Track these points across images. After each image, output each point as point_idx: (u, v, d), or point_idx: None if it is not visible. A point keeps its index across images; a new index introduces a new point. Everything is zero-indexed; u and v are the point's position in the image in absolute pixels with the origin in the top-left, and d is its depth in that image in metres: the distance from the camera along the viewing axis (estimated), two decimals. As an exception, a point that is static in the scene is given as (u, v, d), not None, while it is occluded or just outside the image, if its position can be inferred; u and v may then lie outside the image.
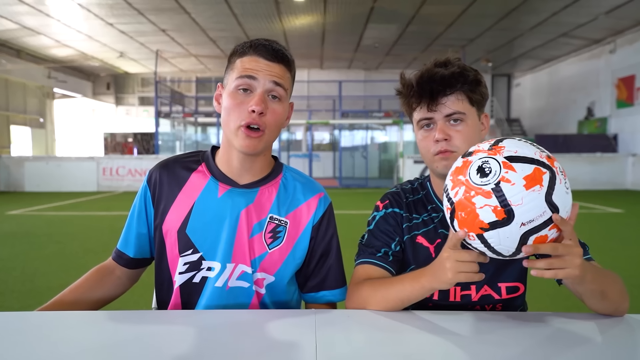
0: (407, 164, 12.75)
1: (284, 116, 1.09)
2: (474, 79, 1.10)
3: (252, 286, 1.09)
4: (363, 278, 1.10)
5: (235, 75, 1.05)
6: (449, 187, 0.87)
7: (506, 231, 0.80)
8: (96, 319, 1.00)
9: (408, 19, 12.31)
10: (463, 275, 0.90)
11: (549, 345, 0.85)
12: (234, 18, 12.23)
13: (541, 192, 0.79)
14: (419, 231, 1.16)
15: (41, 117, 17.07)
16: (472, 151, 0.88)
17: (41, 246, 5.06)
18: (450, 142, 1.08)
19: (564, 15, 11.82)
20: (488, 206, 0.80)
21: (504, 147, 0.84)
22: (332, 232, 1.16)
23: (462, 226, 0.85)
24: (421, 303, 1.10)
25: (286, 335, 0.90)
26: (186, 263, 1.08)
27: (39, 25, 12.62)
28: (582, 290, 0.94)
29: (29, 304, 3.19)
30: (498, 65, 17.72)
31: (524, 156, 0.82)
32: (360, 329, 0.94)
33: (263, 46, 1.05)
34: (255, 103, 1.01)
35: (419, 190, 1.22)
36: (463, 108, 1.09)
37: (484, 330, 0.93)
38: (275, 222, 1.10)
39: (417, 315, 1.00)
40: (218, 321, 0.96)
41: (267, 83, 1.03)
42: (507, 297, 1.13)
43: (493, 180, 0.80)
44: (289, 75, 1.08)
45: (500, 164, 0.81)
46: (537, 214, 0.79)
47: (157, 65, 15.14)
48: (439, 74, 1.08)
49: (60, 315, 1.02)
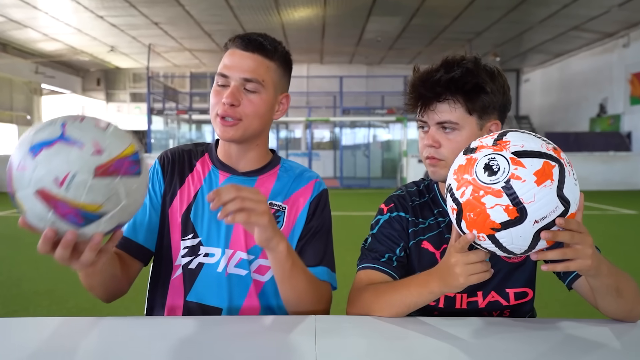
0: (411, 164, 12.75)
1: (267, 106, 1.14)
2: (475, 86, 1.05)
3: (249, 274, 1.14)
4: (365, 283, 1.10)
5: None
6: (454, 186, 0.87)
7: (519, 230, 0.80)
8: (86, 325, 1.00)
9: (412, 11, 12.30)
10: (475, 277, 0.90)
11: (560, 352, 0.85)
12: (230, 10, 12.23)
13: (552, 187, 0.79)
14: (425, 236, 1.16)
15: (28, 114, 17.06)
16: (475, 147, 0.87)
17: (28, 249, 5.05)
18: (438, 150, 1.09)
19: (576, 8, 11.81)
20: (499, 206, 0.79)
21: (509, 142, 0.83)
22: (322, 214, 1.20)
23: (471, 227, 0.84)
24: (426, 311, 1.10)
25: (285, 342, 0.90)
26: (186, 247, 1.15)
27: (26, 18, 12.62)
28: (597, 285, 0.94)
29: (14, 309, 3.20)
30: (506, 60, 17.71)
31: (532, 150, 0.81)
32: (362, 336, 0.94)
33: (241, 38, 1.13)
34: (227, 96, 1.10)
35: (424, 192, 1.22)
36: (456, 118, 1.07)
37: (492, 336, 0.93)
38: (274, 208, 1.17)
39: (421, 321, 1.00)
40: (215, 327, 0.96)
41: (239, 79, 1.10)
42: (516, 303, 1.13)
43: (502, 178, 0.80)
44: (268, 64, 1.13)
45: (508, 160, 0.81)
46: (549, 210, 0.79)
47: (150, 60, 15.13)
48: (434, 78, 1.07)
49: (48, 322, 1.02)
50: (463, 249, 0.89)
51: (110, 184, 0.77)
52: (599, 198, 9.71)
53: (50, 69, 17.42)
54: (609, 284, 0.93)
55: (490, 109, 1.09)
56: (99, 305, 3.22)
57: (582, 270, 0.87)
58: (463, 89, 1.06)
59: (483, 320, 1.02)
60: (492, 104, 1.08)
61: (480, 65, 1.09)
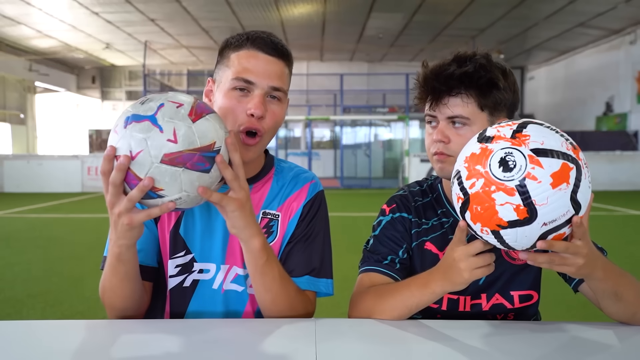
0: (413, 163, 12.75)
1: (283, 117, 1.10)
2: (489, 81, 1.06)
3: (246, 289, 1.10)
4: (367, 286, 1.10)
5: (231, 73, 1.03)
6: (463, 175, 0.85)
7: (525, 230, 0.79)
8: (81, 328, 1.00)
9: (414, 7, 12.30)
10: (479, 271, 0.90)
11: (565, 355, 0.85)
12: (228, 7, 12.23)
13: (567, 191, 0.78)
14: (428, 237, 1.16)
15: (22, 113, 17.06)
16: (492, 136, 0.85)
17: (22, 251, 5.05)
18: (447, 146, 1.08)
19: (582, 4, 11.81)
20: (510, 204, 0.78)
21: (529, 137, 0.81)
22: (315, 218, 1.14)
23: (475, 220, 0.83)
24: (429, 314, 1.10)
25: (285, 345, 0.90)
26: (178, 265, 1.09)
27: (19, 14, 12.61)
28: (594, 289, 0.95)
29: (7, 312, 3.20)
30: (510, 57, 17.70)
31: (551, 149, 0.80)
32: (363, 340, 0.94)
33: (261, 39, 1.04)
34: (255, 106, 1.00)
35: (428, 192, 1.21)
36: (468, 113, 1.07)
37: (495, 339, 0.93)
38: (267, 217, 1.12)
39: (423, 324, 1.00)
40: (214, 331, 0.96)
41: (266, 87, 1.02)
42: (520, 305, 1.13)
43: (518, 176, 0.78)
44: (287, 72, 1.08)
45: (526, 157, 0.79)
46: (560, 213, 0.79)
47: (146, 57, 15.13)
48: (447, 71, 1.07)
49: (42, 325, 1.02)
50: (461, 240, 0.89)
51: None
52: (606, 198, 9.72)
53: (44, 67, 17.40)
54: (605, 289, 0.94)
55: (501, 106, 1.09)
56: (93, 307, 3.22)
57: (569, 273, 0.88)
58: (477, 83, 1.06)
59: (486, 323, 1.02)
60: (504, 101, 1.09)
61: (492, 61, 1.09)
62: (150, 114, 0.83)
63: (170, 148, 0.81)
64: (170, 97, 0.87)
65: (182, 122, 0.83)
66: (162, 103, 0.85)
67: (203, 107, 0.87)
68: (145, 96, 0.88)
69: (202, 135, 0.83)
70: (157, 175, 0.81)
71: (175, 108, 0.84)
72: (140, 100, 0.87)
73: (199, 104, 0.88)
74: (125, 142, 0.82)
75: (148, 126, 0.82)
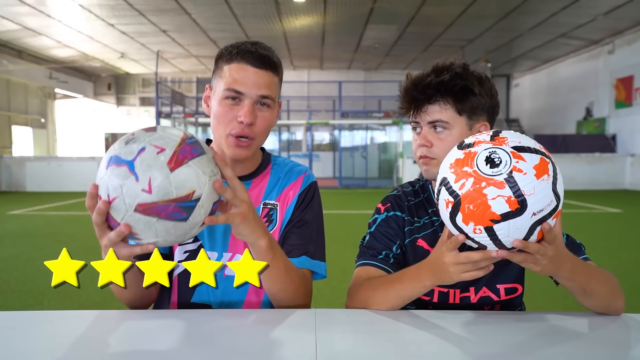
0: (406, 164, 12.75)
1: (274, 119, 1.12)
2: (464, 88, 1.07)
3: None
4: (363, 279, 1.10)
5: (223, 83, 1.06)
6: (451, 179, 0.84)
7: (517, 222, 0.79)
8: (97, 318, 1.00)
9: (408, 19, 12.31)
10: (467, 275, 0.90)
11: (545, 343, 0.86)
12: (235, 19, 12.23)
13: (549, 182, 0.80)
14: (420, 234, 1.16)
15: (42, 118, 17.06)
16: (472, 142, 0.86)
17: (42, 246, 5.06)
18: (430, 149, 1.10)
19: (563, 16, 11.82)
20: (501, 197, 0.79)
21: (507, 138, 0.84)
22: (310, 205, 1.16)
23: (468, 220, 0.82)
24: (421, 305, 1.11)
25: (286, 334, 0.90)
26: (186, 251, 1.12)
27: (40, 26, 12.62)
28: (563, 286, 0.97)
29: (29, 303, 3.20)
30: (497, 65, 17.71)
31: (529, 146, 0.82)
32: (360, 329, 0.94)
33: (250, 53, 1.06)
34: (245, 115, 1.04)
35: (420, 192, 1.22)
36: (447, 117, 1.08)
37: (483, 329, 0.93)
38: (268, 207, 1.15)
39: (415, 315, 1.00)
40: (216, 320, 0.96)
41: (255, 96, 1.05)
42: (506, 298, 1.13)
43: (505, 170, 0.79)
44: (276, 80, 1.10)
45: (509, 153, 0.81)
46: (546, 203, 0.79)
47: (158, 65, 15.12)
48: (425, 81, 1.09)
49: (61, 315, 1.02)
50: (455, 248, 0.89)
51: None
52: (585, 197, 9.73)
53: (63, 75, 17.41)
54: (572, 287, 0.96)
55: (478, 110, 1.10)
56: (109, 299, 3.22)
57: (535, 271, 0.89)
58: (452, 90, 1.07)
59: (474, 313, 1.02)
60: (481, 106, 1.10)
61: (468, 70, 1.11)
62: (130, 159, 0.77)
63: (144, 198, 0.75)
64: (154, 140, 0.79)
65: (158, 172, 0.76)
66: (144, 147, 0.77)
67: (188, 151, 0.79)
68: (132, 133, 0.81)
69: (180, 186, 0.77)
70: (132, 223, 0.77)
71: (156, 154, 0.77)
72: (126, 138, 0.80)
73: (184, 148, 0.80)
74: (105, 184, 0.78)
75: (125, 173, 0.76)
